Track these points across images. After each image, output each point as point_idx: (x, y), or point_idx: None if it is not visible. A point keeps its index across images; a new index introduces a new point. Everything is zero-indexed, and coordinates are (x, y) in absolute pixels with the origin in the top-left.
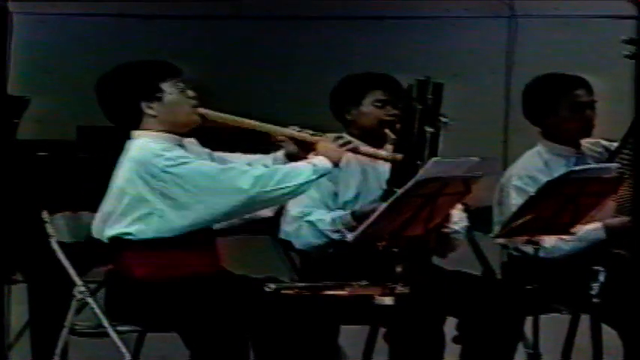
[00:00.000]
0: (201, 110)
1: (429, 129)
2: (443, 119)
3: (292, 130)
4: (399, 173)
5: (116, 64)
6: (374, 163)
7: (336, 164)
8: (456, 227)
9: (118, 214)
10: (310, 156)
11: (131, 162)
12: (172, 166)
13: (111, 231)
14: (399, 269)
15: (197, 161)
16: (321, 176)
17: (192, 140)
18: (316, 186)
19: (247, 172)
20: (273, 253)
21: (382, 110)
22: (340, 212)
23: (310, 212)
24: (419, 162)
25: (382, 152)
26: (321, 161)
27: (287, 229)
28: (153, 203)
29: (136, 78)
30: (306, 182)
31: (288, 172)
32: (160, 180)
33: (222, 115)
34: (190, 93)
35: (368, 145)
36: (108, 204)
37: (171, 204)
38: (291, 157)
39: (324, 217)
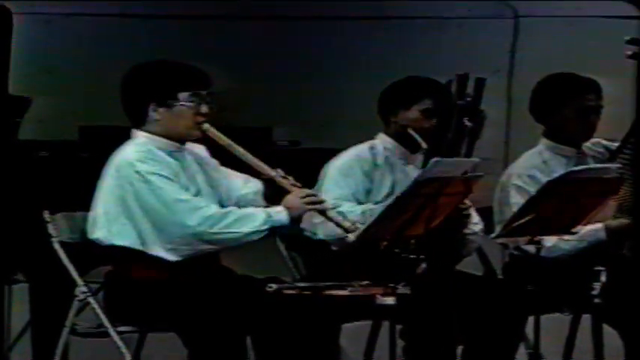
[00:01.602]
0: (204, 127)
1: (468, 123)
2: (482, 114)
3: (275, 173)
4: None
5: (118, 64)
6: (407, 167)
7: (295, 220)
8: (475, 229)
9: (96, 216)
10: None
11: (111, 166)
12: (137, 180)
13: (91, 234)
14: (420, 268)
15: (161, 183)
16: (273, 227)
17: (200, 147)
18: (352, 180)
19: (198, 210)
20: (275, 253)
21: (427, 121)
22: (371, 205)
23: (341, 204)
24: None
25: (346, 223)
26: (278, 213)
27: (314, 220)
28: (115, 210)
29: (158, 79)
30: (256, 231)
31: (240, 218)
32: (124, 189)
33: (221, 136)
34: (204, 109)
35: (403, 147)
36: (93, 206)
37: (128, 215)
38: (268, 196)
39: (354, 208)
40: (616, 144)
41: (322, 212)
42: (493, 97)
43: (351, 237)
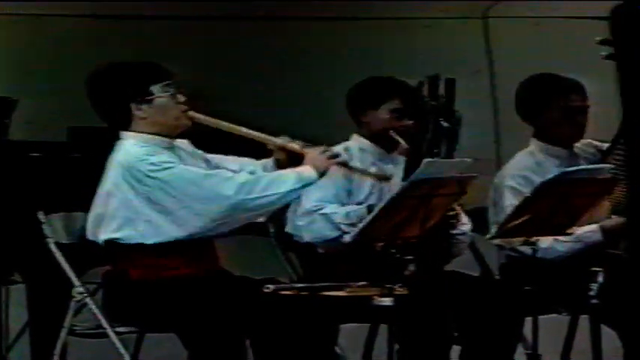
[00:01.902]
0: (191, 114)
1: (445, 124)
2: (457, 114)
3: (282, 141)
4: (415, 169)
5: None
6: (385, 166)
7: (322, 174)
8: (464, 229)
9: (108, 217)
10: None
11: (117, 166)
12: (156, 170)
13: (103, 235)
14: (409, 270)
15: (181, 166)
16: (306, 185)
17: (185, 142)
18: (332, 182)
19: (231, 179)
20: (272, 254)
21: (397, 120)
22: (355, 206)
23: (324, 206)
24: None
25: (371, 169)
26: (306, 170)
27: (298, 222)
28: (139, 208)
29: (126, 79)
30: (291, 190)
31: (272, 180)
32: (144, 185)
33: (211, 120)
34: (180, 97)
35: (380, 148)
36: (98, 206)
37: (157, 209)
38: (280, 166)
39: (338, 210)
40: (607, 145)
41: (344, 165)
42: (477, 98)
43: (347, 238)
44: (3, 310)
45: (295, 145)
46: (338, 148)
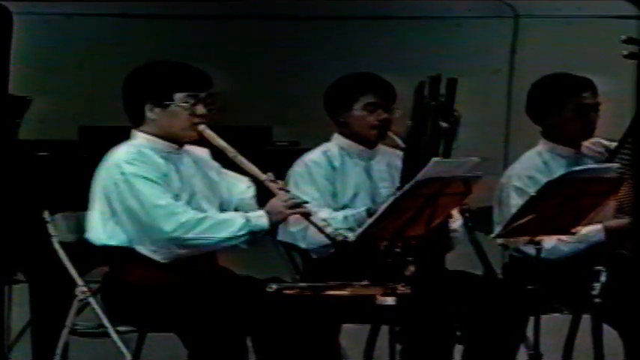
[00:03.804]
0: (201, 128)
1: (443, 124)
2: (456, 113)
3: (265, 177)
4: (413, 169)
5: (118, 64)
6: (370, 162)
7: (276, 223)
8: (455, 226)
9: (91, 216)
10: None
11: (102, 166)
12: (121, 181)
13: (87, 233)
14: (409, 270)
15: (145, 185)
16: (252, 232)
17: (205, 150)
18: (314, 187)
19: (175, 216)
20: (275, 253)
21: (373, 115)
22: (353, 210)
23: (319, 211)
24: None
25: (329, 229)
26: (259, 217)
27: (292, 229)
28: (108, 210)
29: (152, 80)
30: (231, 237)
31: (216, 223)
32: (110, 190)
33: (215, 137)
34: (199, 110)
35: (361, 145)
36: (90, 205)
37: (115, 215)
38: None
39: (334, 215)
40: (615, 144)
41: (305, 216)
42: (493, 97)
43: (352, 237)
44: (5, 308)
45: (273, 186)
46: (317, 152)
